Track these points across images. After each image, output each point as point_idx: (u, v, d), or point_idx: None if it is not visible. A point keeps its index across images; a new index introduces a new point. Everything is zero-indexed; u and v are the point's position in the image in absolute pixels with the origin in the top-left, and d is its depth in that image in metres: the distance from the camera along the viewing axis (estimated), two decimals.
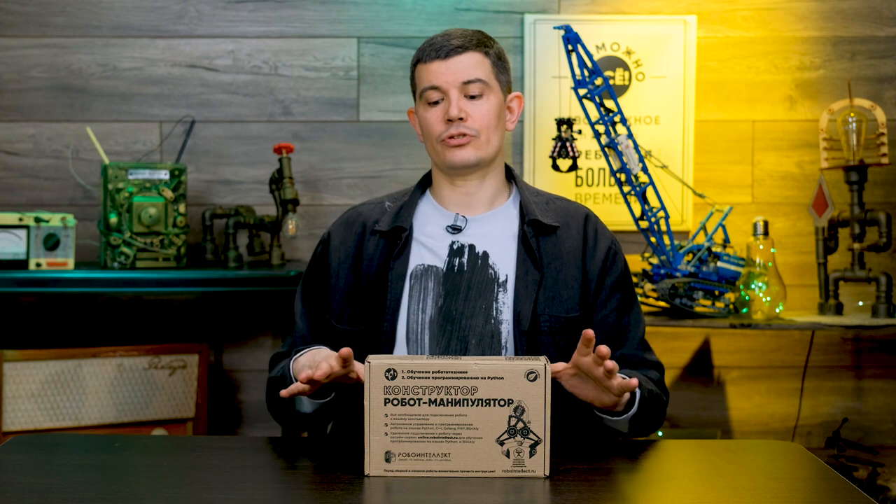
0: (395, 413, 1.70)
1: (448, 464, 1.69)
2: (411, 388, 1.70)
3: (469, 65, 2.06)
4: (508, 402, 1.69)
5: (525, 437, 1.69)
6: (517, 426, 1.69)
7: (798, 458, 1.86)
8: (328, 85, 3.32)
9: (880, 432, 3.39)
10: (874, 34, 3.33)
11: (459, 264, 2.07)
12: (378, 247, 2.10)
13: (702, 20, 3.32)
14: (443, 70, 2.05)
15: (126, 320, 3.30)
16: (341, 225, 2.18)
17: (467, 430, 1.70)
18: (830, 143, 3.16)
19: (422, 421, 1.70)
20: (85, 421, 3.02)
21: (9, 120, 3.30)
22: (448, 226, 2.11)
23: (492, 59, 2.09)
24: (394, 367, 1.70)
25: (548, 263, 2.07)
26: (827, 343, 3.37)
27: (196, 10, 3.31)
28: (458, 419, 1.70)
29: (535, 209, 2.11)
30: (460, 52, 2.06)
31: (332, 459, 1.80)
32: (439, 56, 2.06)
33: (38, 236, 2.93)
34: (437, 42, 2.08)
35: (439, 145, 2.08)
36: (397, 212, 2.13)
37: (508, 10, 3.32)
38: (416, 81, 2.12)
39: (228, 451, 1.88)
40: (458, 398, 1.70)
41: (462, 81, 2.05)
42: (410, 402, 1.70)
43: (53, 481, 1.66)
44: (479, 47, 2.08)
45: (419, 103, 2.11)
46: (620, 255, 2.15)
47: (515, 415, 1.69)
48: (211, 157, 3.32)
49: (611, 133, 2.87)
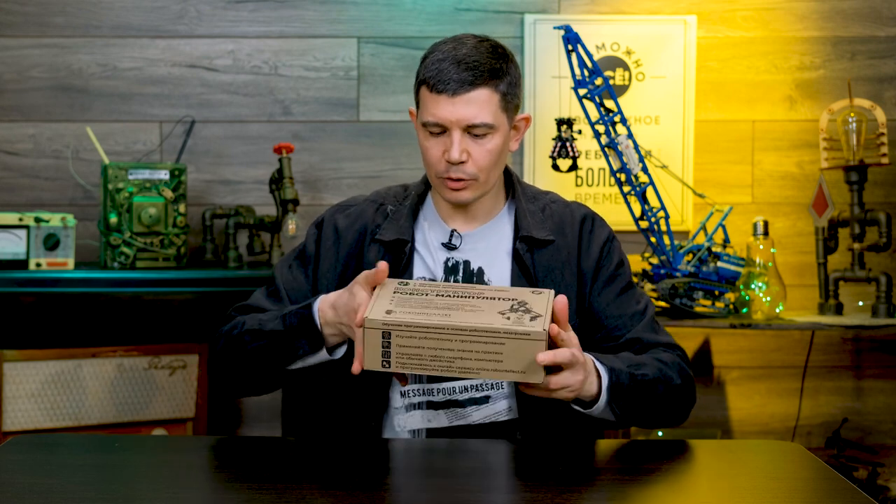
0: (402, 290, 1.76)
1: (448, 320, 1.68)
2: (420, 290, 1.78)
3: (476, 105, 1.95)
4: (513, 299, 1.75)
5: (526, 312, 1.69)
6: (519, 308, 1.70)
7: (798, 458, 1.86)
8: (328, 85, 3.32)
9: (880, 432, 3.39)
10: (874, 34, 3.33)
11: (455, 282, 2.04)
12: (379, 255, 2.06)
13: (702, 20, 3.32)
14: (448, 109, 1.95)
15: (126, 320, 3.30)
16: (340, 215, 2.12)
17: (471, 304, 1.72)
18: (830, 143, 3.16)
19: (427, 300, 1.73)
20: (85, 421, 3.02)
21: (9, 120, 3.30)
22: (443, 242, 2.07)
23: (501, 92, 1.97)
24: (406, 280, 1.83)
25: (543, 277, 2.04)
26: (827, 343, 3.37)
27: (196, 10, 3.31)
28: (462, 300, 1.72)
29: (529, 222, 2.07)
30: (469, 89, 1.94)
31: (332, 460, 1.80)
32: (446, 91, 1.94)
33: (38, 236, 2.93)
34: (445, 71, 1.94)
35: (437, 180, 2.02)
36: (399, 219, 2.09)
37: (508, 10, 3.32)
38: (419, 101, 2.02)
39: (228, 451, 1.88)
40: (465, 292, 1.77)
41: (466, 125, 1.96)
42: (418, 293, 1.75)
43: (53, 481, 1.66)
44: (491, 81, 1.95)
45: (419, 125, 2.03)
46: (616, 248, 2.12)
47: (518, 302, 1.72)
48: (211, 157, 3.32)
49: (611, 133, 2.87)
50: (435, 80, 1.95)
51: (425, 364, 1.68)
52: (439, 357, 1.68)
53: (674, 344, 2.08)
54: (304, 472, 1.71)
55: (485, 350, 1.67)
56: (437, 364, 1.68)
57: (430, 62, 1.97)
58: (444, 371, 1.67)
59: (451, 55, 1.95)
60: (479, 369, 1.66)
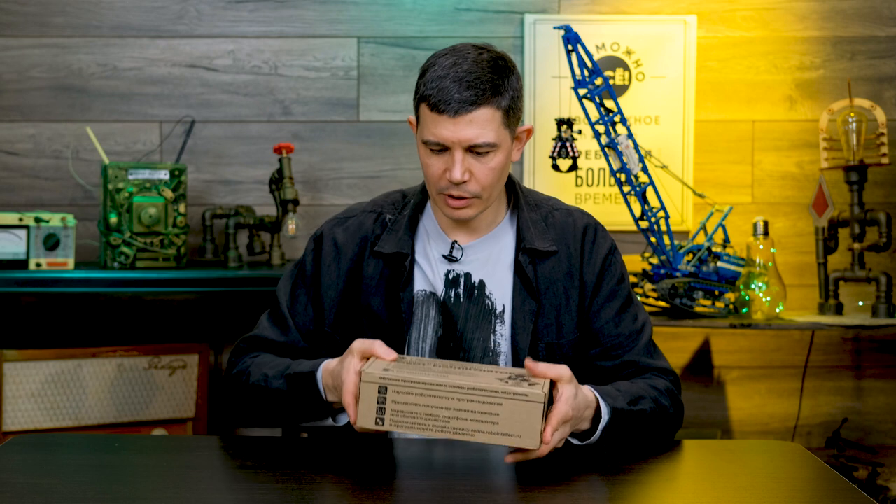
0: (400, 359, 1.76)
1: (445, 379, 1.66)
2: (418, 360, 1.78)
3: (478, 125, 1.90)
4: (511, 372, 1.76)
5: (524, 380, 1.69)
6: (517, 377, 1.71)
7: (798, 458, 1.86)
8: (328, 85, 3.32)
9: (880, 432, 3.39)
10: (874, 34, 3.33)
11: (455, 295, 2.02)
12: (378, 268, 2.04)
13: (702, 20, 3.32)
14: (450, 129, 1.90)
15: (126, 320, 3.30)
16: (339, 229, 2.09)
17: (468, 372, 1.72)
18: (830, 143, 3.16)
19: (425, 368, 1.72)
20: (85, 421, 3.02)
21: (9, 120, 3.30)
22: (444, 255, 2.04)
23: (504, 109, 1.92)
24: (404, 356, 1.79)
25: (545, 289, 2.02)
26: (827, 343, 3.37)
27: (196, 10, 3.31)
28: (460, 369, 1.73)
29: (531, 233, 2.04)
30: (471, 109, 1.89)
31: (332, 459, 1.80)
32: (447, 112, 1.89)
33: (38, 236, 2.93)
34: (447, 90, 1.89)
35: (438, 196, 1.98)
36: (398, 230, 2.05)
37: (508, 10, 3.32)
38: (419, 116, 1.96)
39: (228, 451, 1.88)
40: (463, 364, 1.78)
41: (468, 145, 1.91)
42: (416, 363, 1.77)
43: (53, 481, 1.66)
44: (493, 98, 1.90)
45: (419, 141, 1.97)
46: (618, 261, 2.09)
47: (516, 374, 1.73)
48: (211, 157, 3.32)
49: (611, 133, 2.87)
50: (436, 100, 1.90)
51: (420, 423, 1.65)
52: (435, 416, 1.65)
53: (669, 369, 2.07)
54: (305, 472, 1.71)
55: (481, 410, 1.64)
56: (431, 423, 1.65)
57: (429, 78, 1.92)
58: (438, 432, 1.65)
59: (451, 72, 1.90)
60: (475, 431, 1.64)
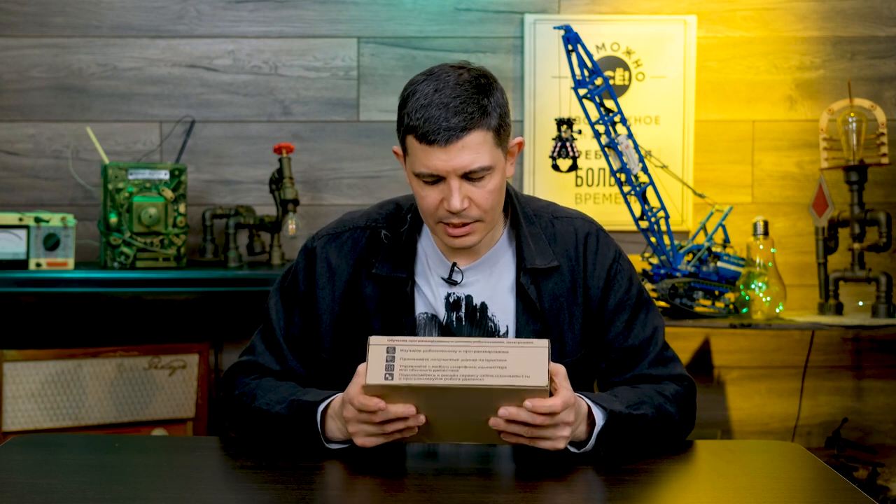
0: None
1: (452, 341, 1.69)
2: None
3: (471, 151, 1.82)
4: None
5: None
6: None
7: (798, 458, 1.86)
8: (328, 85, 3.32)
9: (880, 432, 3.39)
10: (874, 34, 3.33)
11: (457, 318, 1.97)
12: (377, 291, 1.97)
13: (702, 20, 3.32)
14: (442, 159, 1.82)
15: (126, 320, 3.30)
16: (332, 247, 2.00)
17: None
18: (830, 143, 3.16)
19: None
20: (85, 421, 3.02)
21: (9, 120, 3.30)
22: (444, 277, 1.98)
23: (494, 128, 1.84)
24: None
25: (549, 307, 1.96)
26: (827, 343, 3.37)
27: (196, 10, 3.31)
28: None
29: (531, 250, 1.97)
30: (462, 136, 1.81)
31: (332, 459, 1.80)
32: (438, 142, 1.81)
33: (38, 236, 2.93)
34: (433, 120, 1.81)
35: (437, 226, 1.90)
36: (396, 251, 1.98)
37: (508, 10, 3.32)
38: (406, 147, 1.88)
39: (228, 451, 1.88)
40: None
41: (464, 172, 1.83)
42: None
43: (53, 481, 1.66)
44: (482, 120, 1.82)
45: (410, 173, 1.89)
46: (624, 269, 2.01)
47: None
48: (211, 157, 3.32)
49: (611, 133, 2.87)
50: (424, 130, 1.82)
51: (428, 374, 1.66)
52: (443, 367, 1.67)
53: (682, 375, 1.99)
54: (304, 472, 1.71)
55: (489, 359, 1.67)
56: (440, 374, 1.67)
57: (412, 109, 1.83)
58: (447, 380, 1.66)
59: (435, 99, 1.82)
60: (484, 376, 1.66)
